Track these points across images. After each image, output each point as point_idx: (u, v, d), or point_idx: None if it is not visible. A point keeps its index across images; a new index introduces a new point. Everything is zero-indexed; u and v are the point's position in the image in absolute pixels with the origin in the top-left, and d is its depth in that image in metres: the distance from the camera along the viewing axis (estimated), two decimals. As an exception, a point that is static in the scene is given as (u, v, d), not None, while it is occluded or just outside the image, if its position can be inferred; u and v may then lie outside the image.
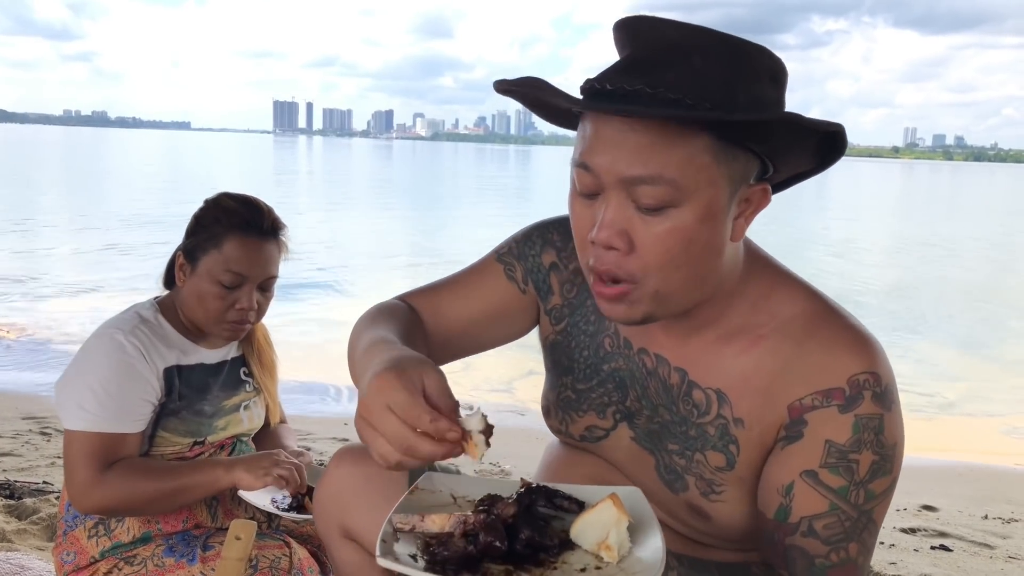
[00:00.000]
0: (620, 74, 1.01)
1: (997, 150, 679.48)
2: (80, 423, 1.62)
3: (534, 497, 1.00)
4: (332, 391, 5.85)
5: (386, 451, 0.91)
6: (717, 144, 0.99)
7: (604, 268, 1.04)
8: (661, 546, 0.91)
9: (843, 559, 1.06)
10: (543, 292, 1.33)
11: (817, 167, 1.12)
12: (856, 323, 1.12)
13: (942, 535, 3.45)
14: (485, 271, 1.35)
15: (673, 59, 0.99)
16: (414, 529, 0.94)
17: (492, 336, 1.35)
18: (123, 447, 1.65)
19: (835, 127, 1.01)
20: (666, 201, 0.99)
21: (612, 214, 1.01)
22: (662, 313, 1.08)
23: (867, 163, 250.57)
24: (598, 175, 1.01)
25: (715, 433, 1.14)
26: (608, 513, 0.92)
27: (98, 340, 1.69)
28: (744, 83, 1.00)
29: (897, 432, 1.08)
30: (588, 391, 1.28)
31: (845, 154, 1.08)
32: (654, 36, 1.02)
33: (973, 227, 24.60)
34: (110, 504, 1.63)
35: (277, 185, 30.10)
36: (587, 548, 0.92)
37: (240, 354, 1.91)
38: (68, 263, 11.18)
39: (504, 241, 1.38)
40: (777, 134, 1.02)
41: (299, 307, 8.39)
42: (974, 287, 12.86)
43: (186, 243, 1.77)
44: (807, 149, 1.07)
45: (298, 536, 1.80)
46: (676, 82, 0.97)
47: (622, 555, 0.91)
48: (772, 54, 1.02)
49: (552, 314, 1.32)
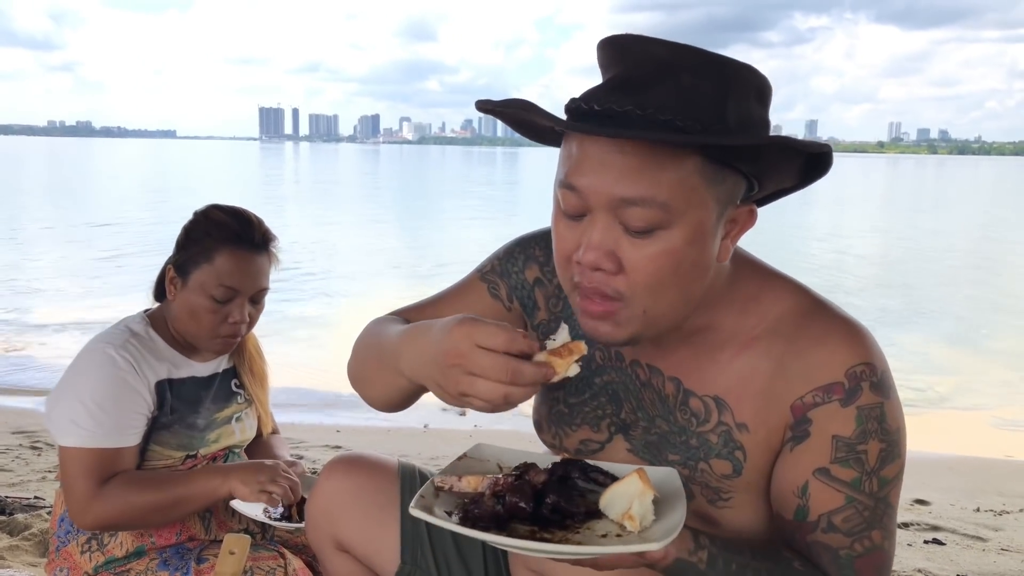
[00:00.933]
0: (609, 94, 1.00)
1: (981, 143, 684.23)
2: (75, 439, 1.62)
3: (569, 469, 1.04)
4: (324, 400, 5.83)
5: (489, 389, 0.92)
6: (707, 165, 0.99)
7: (591, 285, 1.03)
8: (681, 519, 0.94)
9: (867, 547, 1.08)
10: (528, 308, 1.32)
11: (800, 183, 1.12)
12: (845, 315, 1.13)
13: (935, 529, 3.47)
14: (469, 290, 1.35)
15: (662, 78, 0.98)
16: (451, 488, 1.01)
17: None
18: (120, 461, 1.64)
19: (824, 148, 1.01)
20: (655, 223, 0.99)
21: (599, 236, 1.01)
22: (649, 334, 1.08)
23: (852, 158, 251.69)
24: (585, 196, 1.00)
25: (718, 441, 1.14)
26: (634, 486, 0.95)
27: (89, 355, 1.68)
28: (733, 101, 0.99)
29: (898, 417, 1.10)
30: (581, 405, 1.27)
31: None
32: (642, 55, 1.00)
33: (960, 220, 24.75)
34: (110, 518, 1.62)
35: (265, 193, 29.99)
36: (613, 518, 0.96)
37: (231, 366, 1.90)
38: (57, 275, 11.11)
39: (486, 259, 1.37)
40: (768, 155, 1.02)
41: (290, 316, 8.36)
42: (963, 280, 12.93)
43: (177, 257, 1.76)
44: (793, 167, 1.08)
45: (293, 546, 1.79)
46: (666, 102, 0.97)
47: (644, 526, 0.94)
48: (757, 71, 1.02)
49: (540, 329, 1.32)
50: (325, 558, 1.38)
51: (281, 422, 2.15)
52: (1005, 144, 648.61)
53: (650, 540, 0.91)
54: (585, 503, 0.99)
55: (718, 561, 1.03)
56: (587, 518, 0.97)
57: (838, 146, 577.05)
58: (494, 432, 5.11)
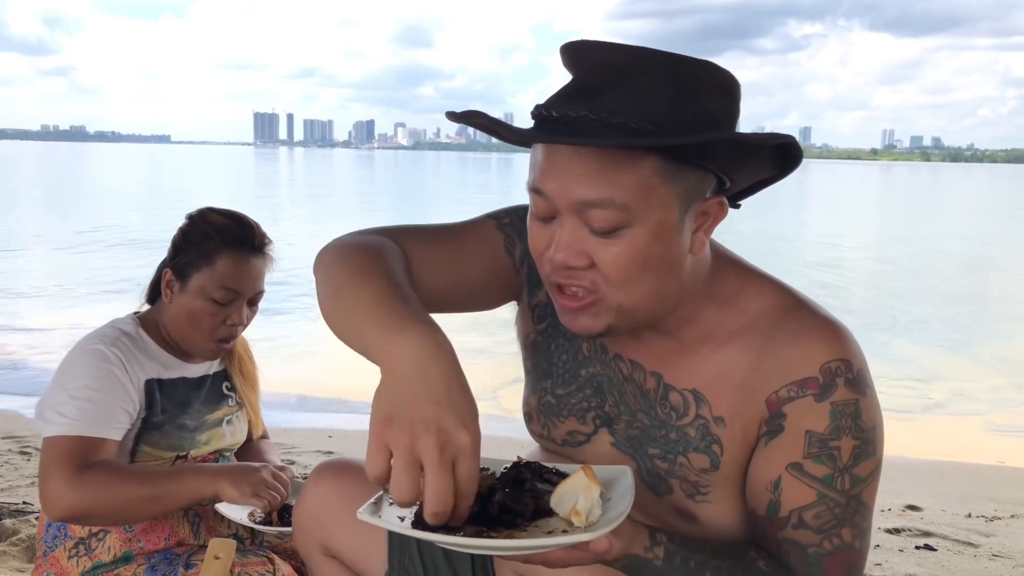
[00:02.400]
0: (564, 101, 1.02)
1: (973, 150, 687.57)
2: (57, 428, 1.59)
3: (522, 471, 1.04)
4: (316, 405, 5.82)
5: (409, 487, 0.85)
6: (665, 165, 1.00)
7: (566, 282, 1.06)
8: (624, 511, 0.94)
9: (837, 546, 1.08)
10: (532, 281, 1.30)
11: (778, 174, 1.12)
12: (824, 312, 1.13)
13: (926, 535, 3.47)
14: (483, 236, 1.27)
15: (616, 82, 1.00)
16: None
17: (470, 303, 1.28)
18: (99, 452, 1.60)
19: (782, 139, 1.02)
20: (617, 223, 1.01)
21: (568, 237, 1.03)
22: (625, 326, 1.09)
23: (846, 165, 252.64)
24: (551, 200, 1.03)
25: (696, 434, 1.15)
26: (580, 482, 0.96)
27: (78, 352, 1.67)
28: (691, 100, 1.00)
29: (875, 415, 1.10)
30: (568, 396, 1.28)
31: (825, 157, 1.08)
32: (597, 60, 1.02)
33: (954, 226, 24.84)
34: (84, 507, 1.55)
35: (260, 197, 29.97)
36: (561, 515, 0.96)
37: (222, 368, 1.90)
38: (45, 278, 11.08)
39: (503, 209, 1.31)
40: (722, 152, 1.03)
41: (282, 320, 8.34)
42: (956, 286, 12.98)
43: (175, 260, 1.76)
44: (762, 161, 1.08)
45: (282, 552, 1.78)
46: (619, 106, 0.98)
47: (591, 521, 0.94)
48: (719, 68, 1.03)
49: (536, 310, 1.31)
50: (312, 564, 1.37)
51: (273, 427, 2.14)
52: (997, 152, 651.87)
53: (592, 530, 0.91)
54: (537, 503, 0.99)
55: (675, 558, 1.04)
56: (537, 517, 0.97)
57: (831, 153, 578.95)
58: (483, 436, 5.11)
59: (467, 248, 1.25)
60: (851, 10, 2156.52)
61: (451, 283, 1.22)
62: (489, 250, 1.26)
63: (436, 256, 1.21)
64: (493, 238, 1.27)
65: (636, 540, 1.02)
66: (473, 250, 1.25)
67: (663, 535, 1.05)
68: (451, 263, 1.22)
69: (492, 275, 1.27)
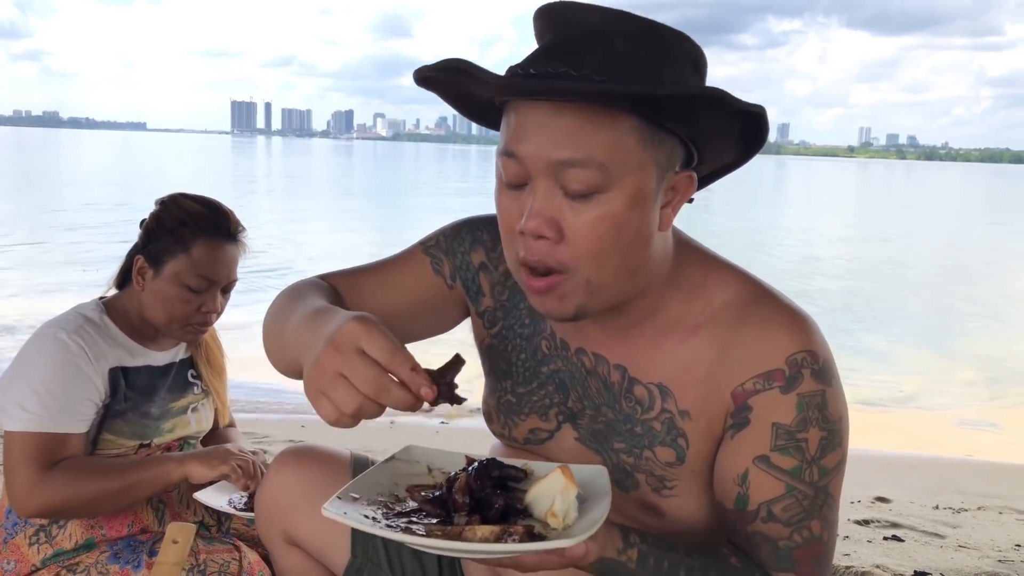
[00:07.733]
0: (543, 59, 1.00)
1: (948, 149, 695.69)
2: (21, 424, 1.58)
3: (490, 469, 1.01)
4: (288, 395, 5.78)
5: (346, 395, 0.86)
6: (643, 126, 0.99)
7: (535, 258, 1.03)
8: (602, 515, 0.92)
9: (806, 538, 1.08)
10: (472, 292, 1.30)
11: (740, 159, 1.13)
12: (789, 303, 1.13)
13: (894, 526, 3.50)
14: (411, 262, 1.31)
15: (596, 43, 0.99)
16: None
17: (415, 329, 1.31)
18: (66, 447, 1.60)
19: (758, 108, 1.01)
20: (594, 186, 0.99)
21: (540, 203, 1.01)
22: (594, 306, 1.07)
23: (823, 162, 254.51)
24: (525, 162, 1.01)
25: (662, 428, 1.14)
26: (557, 483, 0.94)
27: (40, 340, 1.64)
28: (668, 66, 1.00)
29: (841, 406, 1.10)
30: (528, 394, 1.26)
31: (802, 153, 1.08)
32: (576, 20, 1.01)
33: (926, 223, 25.13)
34: (54, 504, 1.57)
35: (236, 186, 29.71)
36: (537, 516, 0.94)
37: (188, 356, 1.87)
38: (10, 266, 10.92)
39: (431, 234, 1.34)
40: (702, 113, 1.01)
41: (253, 308, 8.27)
42: (928, 281, 13.13)
43: (149, 246, 1.73)
44: (731, 135, 1.07)
45: (248, 540, 1.77)
46: (600, 65, 0.98)
47: (567, 523, 0.92)
48: (693, 41, 1.03)
49: (485, 317, 1.30)
50: (275, 552, 1.36)
51: (245, 417, 2.12)
52: (971, 151, 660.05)
53: (570, 534, 0.89)
54: (506, 501, 0.96)
55: (649, 559, 1.02)
56: (509, 516, 0.94)
57: (809, 150, 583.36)
58: (462, 429, 5.10)
59: (395, 275, 1.29)
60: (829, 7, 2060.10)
61: (386, 313, 1.23)
62: (418, 275, 1.30)
63: (366, 289, 1.26)
64: (420, 261, 1.31)
65: (610, 543, 0.99)
66: (400, 276, 1.29)
67: (636, 536, 1.03)
68: (382, 293, 1.27)
69: (428, 298, 1.30)
